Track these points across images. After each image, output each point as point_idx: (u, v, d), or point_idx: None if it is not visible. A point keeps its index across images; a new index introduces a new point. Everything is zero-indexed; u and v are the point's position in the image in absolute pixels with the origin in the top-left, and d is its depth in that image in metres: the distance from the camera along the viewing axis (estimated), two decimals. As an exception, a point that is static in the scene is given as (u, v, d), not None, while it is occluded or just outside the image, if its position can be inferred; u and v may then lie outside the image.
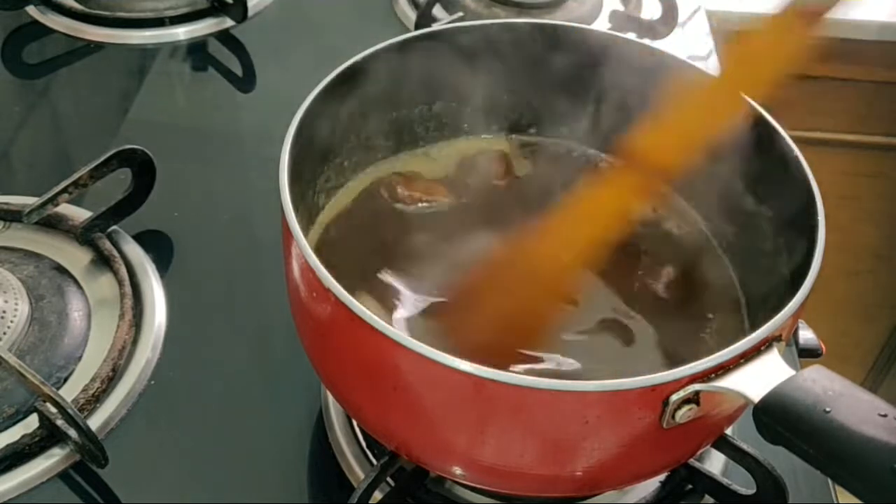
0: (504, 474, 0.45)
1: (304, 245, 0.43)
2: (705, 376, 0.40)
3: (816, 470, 0.39)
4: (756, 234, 0.55)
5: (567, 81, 0.60)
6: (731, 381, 0.40)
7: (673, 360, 0.49)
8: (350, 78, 0.54)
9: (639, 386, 0.39)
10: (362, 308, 0.41)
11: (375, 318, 0.40)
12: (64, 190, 0.65)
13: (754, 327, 0.42)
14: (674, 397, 0.40)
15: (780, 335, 0.42)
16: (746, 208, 0.57)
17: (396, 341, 0.40)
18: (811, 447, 0.38)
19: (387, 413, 0.47)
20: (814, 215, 0.47)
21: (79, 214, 0.69)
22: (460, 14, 0.89)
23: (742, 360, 0.41)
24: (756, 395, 0.40)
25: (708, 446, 0.50)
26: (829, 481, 0.56)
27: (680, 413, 0.40)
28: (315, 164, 0.56)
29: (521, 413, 0.41)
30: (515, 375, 0.39)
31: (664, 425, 0.41)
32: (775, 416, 0.39)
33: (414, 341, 0.40)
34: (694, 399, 0.40)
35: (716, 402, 0.42)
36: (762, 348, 0.41)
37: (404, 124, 0.62)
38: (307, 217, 0.56)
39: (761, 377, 0.40)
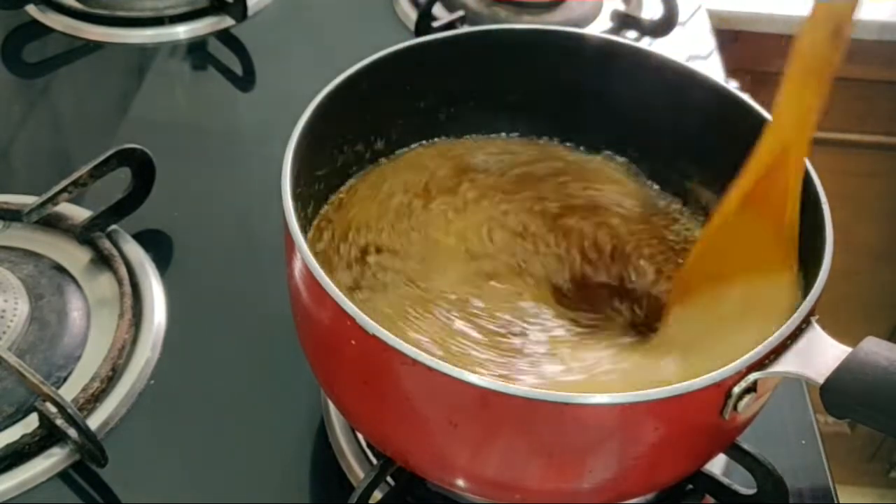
0: (526, 490, 0.45)
1: (306, 253, 0.43)
2: (761, 364, 0.41)
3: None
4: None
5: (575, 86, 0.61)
6: (786, 365, 0.41)
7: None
8: (354, 84, 0.54)
9: (705, 385, 0.40)
10: (365, 318, 0.40)
11: (379, 328, 0.40)
12: (64, 189, 0.65)
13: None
14: (736, 389, 0.41)
15: (814, 311, 0.43)
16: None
17: (403, 353, 0.40)
18: (889, 416, 0.39)
19: (389, 425, 0.46)
20: (817, 198, 0.48)
21: (78, 214, 0.68)
22: (461, 13, 0.89)
23: (789, 342, 0.42)
24: (818, 374, 0.40)
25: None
26: (830, 481, 0.56)
27: (742, 403, 0.41)
28: (317, 168, 0.56)
29: (576, 431, 0.41)
30: (577, 395, 0.40)
31: (726, 417, 0.42)
32: (847, 393, 0.40)
33: (420, 353, 0.39)
34: (752, 388, 0.41)
35: (768, 387, 0.43)
36: (803, 326, 0.42)
37: (411, 126, 0.62)
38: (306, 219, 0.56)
39: (814, 355, 0.41)
